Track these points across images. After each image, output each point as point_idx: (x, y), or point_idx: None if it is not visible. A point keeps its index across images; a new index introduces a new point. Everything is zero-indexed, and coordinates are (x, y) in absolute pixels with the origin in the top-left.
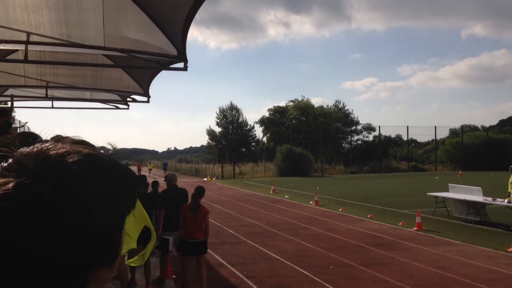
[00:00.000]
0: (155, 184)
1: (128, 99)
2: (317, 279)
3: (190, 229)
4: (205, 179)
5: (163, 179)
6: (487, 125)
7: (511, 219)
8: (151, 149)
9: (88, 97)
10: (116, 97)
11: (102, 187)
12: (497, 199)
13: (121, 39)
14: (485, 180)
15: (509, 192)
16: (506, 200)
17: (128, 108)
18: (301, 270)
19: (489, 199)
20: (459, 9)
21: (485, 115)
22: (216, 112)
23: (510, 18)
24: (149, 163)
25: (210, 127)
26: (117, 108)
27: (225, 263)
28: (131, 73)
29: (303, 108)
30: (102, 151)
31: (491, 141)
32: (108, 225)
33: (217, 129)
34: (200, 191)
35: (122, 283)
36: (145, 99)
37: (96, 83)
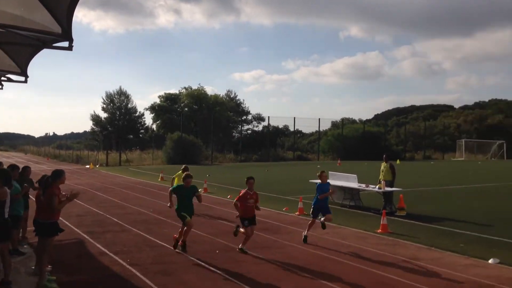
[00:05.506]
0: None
1: (2, 78)
2: (203, 264)
3: (37, 210)
4: (88, 166)
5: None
6: (364, 118)
7: (381, 204)
8: (26, 133)
9: None
10: None
11: None
12: (370, 185)
13: None
14: (360, 169)
15: (380, 179)
16: (377, 187)
17: (1, 88)
18: (187, 256)
19: (363, 186)
20: (338, 10)
21: (361, 110)
22: (102, 97)
23: (382, 23)
24: None
25: (94, 112)
26: None
27: (107, 252)
28: (7, 50)
29: (196, 96)
30: None
31: (367, 133)
32: None
33: (103, 115)
34: (54, 175)
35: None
36: (22, 79)
37: None
